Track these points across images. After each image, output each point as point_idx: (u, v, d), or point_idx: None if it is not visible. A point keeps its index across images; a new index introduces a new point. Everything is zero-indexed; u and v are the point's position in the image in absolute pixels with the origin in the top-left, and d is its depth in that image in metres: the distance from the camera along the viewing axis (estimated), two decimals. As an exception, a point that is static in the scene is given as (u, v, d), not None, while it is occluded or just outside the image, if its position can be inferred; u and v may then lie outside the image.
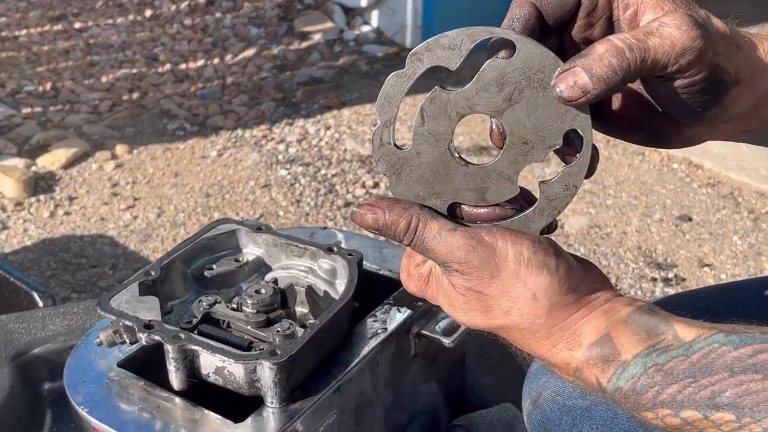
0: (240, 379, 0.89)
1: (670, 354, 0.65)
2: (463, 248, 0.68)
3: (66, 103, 2.93)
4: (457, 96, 0.65)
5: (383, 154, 0.67)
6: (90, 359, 0.99)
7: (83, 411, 0.91)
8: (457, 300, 0.70)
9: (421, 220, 0.69)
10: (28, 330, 1.31)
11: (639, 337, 0.66)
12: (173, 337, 0.89)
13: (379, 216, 0.69)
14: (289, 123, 2.84)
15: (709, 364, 0.63)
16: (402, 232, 0.69)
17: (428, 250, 0.69)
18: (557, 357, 0.69)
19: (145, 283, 0.99)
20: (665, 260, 2.11)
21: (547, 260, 0.68)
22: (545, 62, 0.64)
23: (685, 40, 0.62)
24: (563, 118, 0.65)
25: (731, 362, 0.63)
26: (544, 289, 0.68)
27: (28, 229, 2.24)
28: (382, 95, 0.67)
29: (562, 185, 0.67)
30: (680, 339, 0.65)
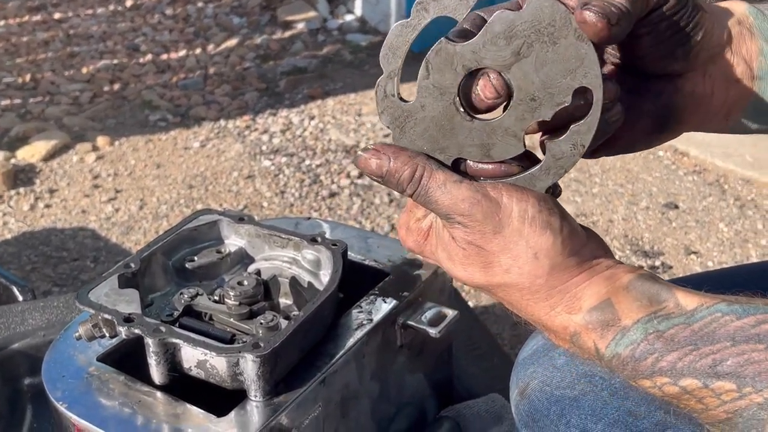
0: (222, 373, 0.87)
1: (672, 321, 0.64)
2: (467, 200, 0.66)
3: (46, 94, 2.89)
4: (464, 48, 0.63)
5: (387, 106, 0.66)
6: (69, 354, 0.97)
7: (62, 407, 0.89)
8: (456, 254, 0.69)
9: (427, 170, 0.67)
10: (6, 325, 1.29)
11: (640, 303, 0.65)
12: (154, 331, 0.87)
13: (383, 162, 0.67)
14: (272, 113, 2.81)
15: (711, 332, 0.62)
16: (406, 180, 0.67)
17: (431, 200, 0.67)
18: (555, 321, 0.68)
19: (125, 275, 0.97)
20: (652, 248, 2.11)
21: (551, 220, 0.67)
22: (556, 15, 0.62)
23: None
24: (573, 74, 0.63)
25: (733, 332, 0.62)
26: (546, 249, 0.67)
27: (7, 222, 2.20)
28: (386, 46, 0.65)
29: (570, 144, 0.65)
30: (682, 307, 0.64)
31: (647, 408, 0.88)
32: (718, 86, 0.74)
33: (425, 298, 1.06)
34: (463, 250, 0.68)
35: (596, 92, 0.63)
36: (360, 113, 2.82)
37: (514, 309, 0.71)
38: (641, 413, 0.88)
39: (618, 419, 0.89)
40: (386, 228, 2.20)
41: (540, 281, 0.67)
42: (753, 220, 2.22)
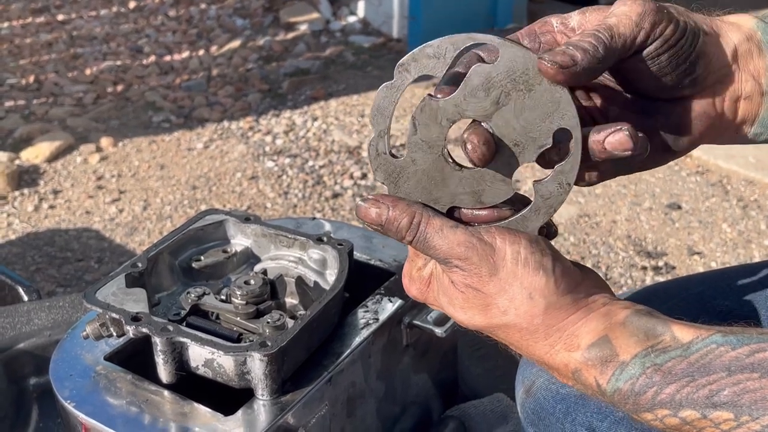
0: (230, 372, 0.87)
1: (669, 355, 0.65)
2: (463, 245, 0.68)
3: (49, 95, 2.90)
4: (446, 103, 0.66)
5: (380, 163, 0.69)
6: (76, 353, 0.97)
7: (70, 406, 0.90)
8: (456, 298, 0.70)
9: (424, 217, 0.70)
10: (12, 325, 1.29)
11: (637, 338, 0.66)
12: (161, 330, 0.88)
13: (382, 211, 0.70)
14: (275, 114, 2.82)
15: (707, 364, 0.64)
16: (405, 228, 0.70)
17: (429, 246, 0.70)
18: (556, 359, 0.69)
19: (132, 275, 0.97)
20: (655, 249, 2.11)
21: (543, 261, 0.69)
22: (528, 64, 0.65)
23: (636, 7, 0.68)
24: (551, 117, 0.66)
25: (729, 362, 0.63)
26: (540, 289, 0.68)
27: (12, 223, 2.21)
28: (374, 108, 0.68)
29: (556, 183, 0.68)
30: (678, 340, 0.65)
31: None
32: (727, 104, 0.75)
33: (431, 297, 1.06)
34: (462, 294, 0.70)
35: (575, 132, 0.66)
36: (363, 114, 2.82)
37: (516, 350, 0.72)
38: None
39: (623, 417, 0.89)
40: (390, 229, 2.20)
41: (537, 321, 0.68)
42: (756, 220, 2.22)
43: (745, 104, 0.76)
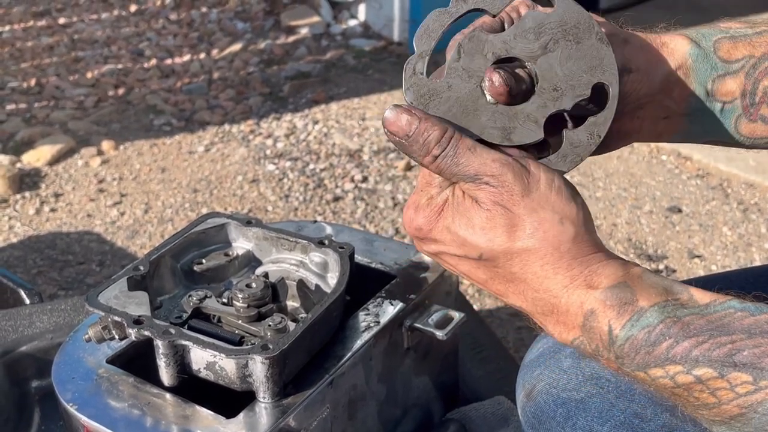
0: (231, 374, 0.88)
1: (688, 310, 0.64)
2: (498, 161, 0.67)
3: (51, 99, 2.91)
4: (496, 38, 0.68)
5: (413, 83, 0.68)
6: (78, 356, 0.97)
7: (72, 408, 0.90)
8: (479, 218, 0.68)
9: (456, 133, 0.68)
10: (15, 327, 1.30)
11: (656, 290, 0.65)
12: (163, 333, 0.88)
13: (413, 119, 0.67)
14: (276, 117, 2.82)
15: (726, 324, 0.62)
16: (434, 140, 0.67)
17: (458, 162, 0.67)
18: (572, 296, 0.67)
19: (134, 278, 0.97)
20: (655, 252, 2.11)
21: (575, 194, 0.69)
22: (581, 19, 0.68)
23: None
24: (593, 71, 0.69)
25: (749, 326, 0.62)
26: (572, 217, 0.67)
27: (13, 226, 2.21)
28: (422, 28, 0.69)
29: (587, 133, 0.69)
30: (696, 300, 0.64)
31: (653, 410, 0.88)
32: (646, 123, 0.78)
33: (432, 300, 1.07)
34: (488, 212, 0.67)
35: (613, 88, 0.69)
36: (364, 117, 2.83)
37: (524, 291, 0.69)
38: (647, 415, 0.88)
39: (624, 421, 0.90)
40: (390, 231, 2.21)
41: (564, 247, 0.66)
42: (756, 223, 2.23)
43: (665, 123, 0.79)
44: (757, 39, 0.78)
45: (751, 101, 0.78)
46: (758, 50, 0.78)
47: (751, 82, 0.78)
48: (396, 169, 2.50)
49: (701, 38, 0.78)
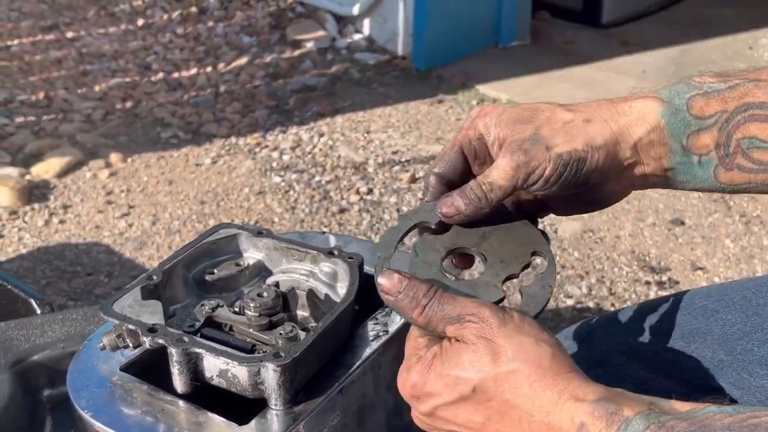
0: (244, 382, 0.89)
1: (669, 416, 0.67)
2: (474, 304, 0.78)
3: (59, 112, 2.93)
4: (443, 236, 0.85)
5: None
6: (92, 364, 0.99)
7: (87, 415, 0.91)
8: (467, 354, 0.76)
9: (439, 289, 0.79)
10: (27, 337, 1.31)
11: (638, 402, 0.70)
12: (177, 341, 0.90)
13: (403, 278, 0.79)
14: (282, 130, 2.85)
15: (708, 425, 0.66)
16: (422, 294, 0.78)
17: (443, 309, 0.78)
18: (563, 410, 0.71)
19: (147, 287, 0.99)
20: (659, 264, 2.13)
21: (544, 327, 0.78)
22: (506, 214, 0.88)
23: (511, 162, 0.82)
24: (527, 245, 0.85)
25: (729, 424, 0.65)
26: (546, 339, 0.75)
27: (23, 237, 2.24)
28: (381, 240, 0.86)
29: (540, 286, 0.83)
30: (676, 409, 0.69)
31: None
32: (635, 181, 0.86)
33: (439, 310, 1.08)
34: (474, 346, 0.75)
35: (548, 254, 0.86)
36: (369, 130, 2.85)
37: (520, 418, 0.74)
38: None
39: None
40: (396, 244, 2.23)
41: (545, 364, 0.73)
42: (759, 236, 2.24)
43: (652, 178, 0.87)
44: (730, 93, 0.83)
45: (725, 152, 0.83)
46: (730, 105, 0.83)
47: (725, 135, 0.83)
48: (401, 182, 2.53)
49: (674, 96, 0.84)
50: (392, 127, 2.88)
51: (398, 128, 2.86)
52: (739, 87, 0.83)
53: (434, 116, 2.96)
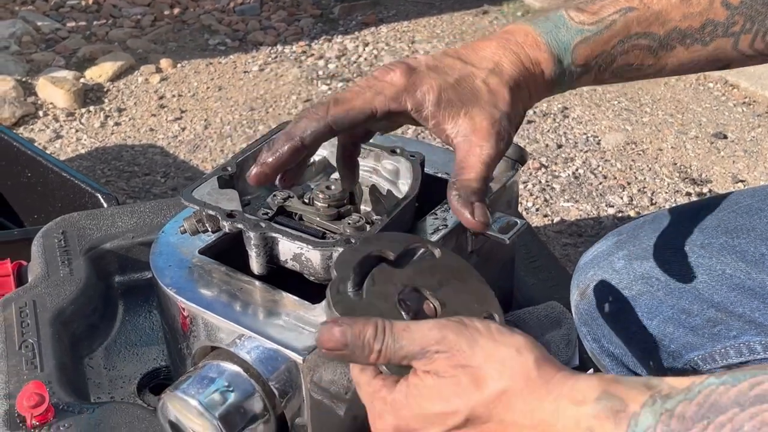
0: (316, 265, 0.96)
1: (675, 399, 0.63)
2: (434, 328, 0.69)
3: (109, 17, 2.98)
4: (400, 272, 0.82)
5: (340, 299, 0.78)
6: (172, 247, 1.06)
7: (172, 292, 0.99)
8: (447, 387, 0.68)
9: (386, 322, 0.70)
10: (98, 226, 1.36)
11: (638, 390, 0.65)
12: (255, 225, 0.96)
13: (345, 329, 0.69)
14: (327, 39, 2.88)
15: (715, 402, 0.62)
16: (372, 337, 0.69)
17: (402, 346, 0.69)
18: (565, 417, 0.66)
19: (223, 177, 1.06)
20: (700, 176, 2.17)
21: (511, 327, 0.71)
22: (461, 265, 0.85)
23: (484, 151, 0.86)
24: (481, 303, 0.82)
25: (735, 397, 0.62)
26: (524, 344, 0.68)
27: (81, 138, 2.32)
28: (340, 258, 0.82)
29: None
30: (676, 387, 0.64)
31: (699, 306, 0.96)
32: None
33: (495, 208, 1.13)
34: (453, 378, 0.68)
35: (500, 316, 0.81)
36: (413, 41, 2.87)
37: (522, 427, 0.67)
38: (694, 311, 0.96)
39: (672, 316, 0.97)
40: (441, 151, 2.28)
41: (533, 375, 0.67)
42: (800, 151, 2.27)
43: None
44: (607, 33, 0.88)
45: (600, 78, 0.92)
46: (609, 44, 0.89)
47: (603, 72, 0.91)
48: (446, 92, 2.56)
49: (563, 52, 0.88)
50: (437, 38, 2.90)
51: (443, 39, 2.88)
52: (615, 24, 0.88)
53: (479, 27, 2.97)
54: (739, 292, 0.93)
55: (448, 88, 0.83)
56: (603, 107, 2.45)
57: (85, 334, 1.23)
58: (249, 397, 0.91)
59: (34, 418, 1.00)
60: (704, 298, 0.95)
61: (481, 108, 0.83)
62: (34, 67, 2.62)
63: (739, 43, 0.90)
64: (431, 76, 0.84)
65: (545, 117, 2.41)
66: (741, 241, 0.95)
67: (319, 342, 0.71)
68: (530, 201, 2.06)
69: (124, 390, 1.19)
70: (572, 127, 2.36)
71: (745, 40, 0.90)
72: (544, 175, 2.16)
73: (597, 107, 2.45)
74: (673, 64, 0.91)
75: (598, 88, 2.53)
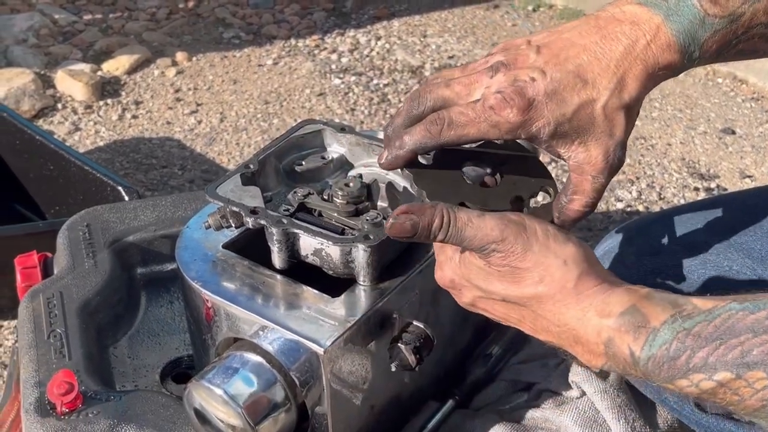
0: (336, 260, 1.00)
1: (695, 320, 0.69)
2: (496, 227, 0.76)
3: (125, 10, 3.02)
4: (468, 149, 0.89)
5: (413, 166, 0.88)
6: (197, 242, 1.10)
7: (197, 285, 1.03)
8: (491, 275, 0.78)
9: (451, 213, 0.77)
10: (121, 219, 1.40)
11: (663, 307, 0.71)
12: (277, 222, 1.00)
13: (415, 221, 0.78)
14: (340, 33, 2.91)
15: (731, 326, 0.67)
16: (437, 228, 0.77)
17: (464, 239, 0.77)
18: (588, 326, 0.73)
19: (246, 174, 1.09)
20: (708, 171, 2.20)
21: (569, 235, 0.78)
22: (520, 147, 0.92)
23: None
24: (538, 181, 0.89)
25: (751, 324, 0.67)
26: (572, 256, 0.75)
27: (99, 130, 2.36)
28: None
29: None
30: (699, 308, 0.70)
31: None
32: None
33: (507, 204, 1.17)
34: (499, 272, 0.77)
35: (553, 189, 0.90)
36: (425, 35, 2.90)
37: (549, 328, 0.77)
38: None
39: None
40: (452, 146, 2.31)
41: (570, 286, 0.74)
42: (808, 147, 2.29)
43: None
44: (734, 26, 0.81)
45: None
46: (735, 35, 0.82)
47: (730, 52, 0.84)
48: (457, 86, 2.59)
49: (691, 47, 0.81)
50: (448, 32, 2.92)
51: (454, 33, 2.91)
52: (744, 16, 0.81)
53: (490, 21, 3.00)
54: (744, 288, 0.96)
55: (564, 122, 0.80)
56: (613, 102, 2.47)
57: (110, 325, 1.27)
58: (271, 386, 0.95)
59: (64, 405, 1.04)
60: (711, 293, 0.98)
61: (596, 138, 0.80)
62: (51, 60, 2.66)
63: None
64: (549, 108, 0.79)
65: (556, 112, 2.44)
66: (747, 238, 0.98)
67: (390, 232, 0.79)
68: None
69: (147, 378, 1.23)
70: (582, 122, 2.39)
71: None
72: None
73: (607, 102, 2.47)
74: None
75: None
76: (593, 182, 0.82)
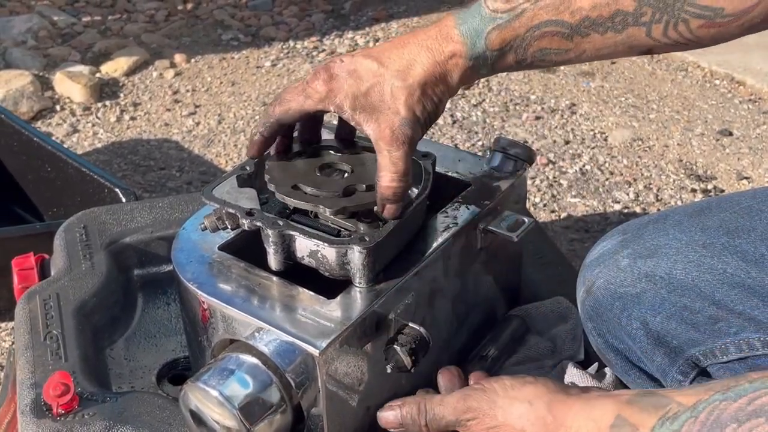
0: (332, 262, 1.00)
1: (680, 419, 0.71)
2: (460, 399, 0.88)
3: (123, 12, 3.02)
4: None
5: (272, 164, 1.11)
6: (193, 243, 1.10)
7: (193, 287, 1.03)
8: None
9: (427, 399, 0.92)
10: (118, 221, 1.40)
11: (648, 412, 0.73)
12: (273, 223, 1.00)
13: (397, 411, 0.94)
14: (338, 35, 2.91)
15: (717, 419, 0.69)
16: (417, 413, 0.91)
17: (440, 418, 0.89)
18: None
19: (242, 176, 1.10)
20: (705, 172, 2.20)
21: (524, 378, 0.86)
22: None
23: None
24: None
25: (735, 413, 0.68)
26: (535, 394, 0.83)
27: (97, 132, 2.36)
28: None
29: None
30: (684, 405, 0.72)
31: (701, 304, 0.99)
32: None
33: (503, 207, 1.17)
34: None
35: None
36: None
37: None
38: (696, 308, 0.99)
39: (674, 313, 1.00)
40: (450, 147, 2.31)
41: (549, 419, 0.80)
42: (805, 149, 2.30)
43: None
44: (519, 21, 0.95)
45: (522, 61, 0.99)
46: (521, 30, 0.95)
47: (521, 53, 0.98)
48: (455, 88, 2.59)
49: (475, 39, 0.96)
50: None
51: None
52: (526, 12, 0.94)
53: (488, 23, 3.00)
54: (739, 291, 0.96)
55: (360, 96, 0.95)
56: (610, 104, 2.48)
57: (106, 326, 1.27)
58: (267, 388, 0.95)
59: (60, 406, 1.04)
60: (706, 296, 0.98)
61: (385, 115, 0.94)
62: (50, 61, 2.67)
63: (651, 32, 0.93)
64: (348, 84, 0.95)
65: (553, 113, 2.44)
66: (742, 241, 0.98)
67: (382, 422, 0.95)
68: (538, 197, 2.09)
69: (143, 380, 1.23)
70: (579, 124, 2.39)
71: (657, 29, 0.92)
72: (551, 171, 2.20)
73: (604, 104, 2.48)
74: (592, 50, 0.96)
75: (605, 85, 2.56)
76: (389, 156, 0.95)
